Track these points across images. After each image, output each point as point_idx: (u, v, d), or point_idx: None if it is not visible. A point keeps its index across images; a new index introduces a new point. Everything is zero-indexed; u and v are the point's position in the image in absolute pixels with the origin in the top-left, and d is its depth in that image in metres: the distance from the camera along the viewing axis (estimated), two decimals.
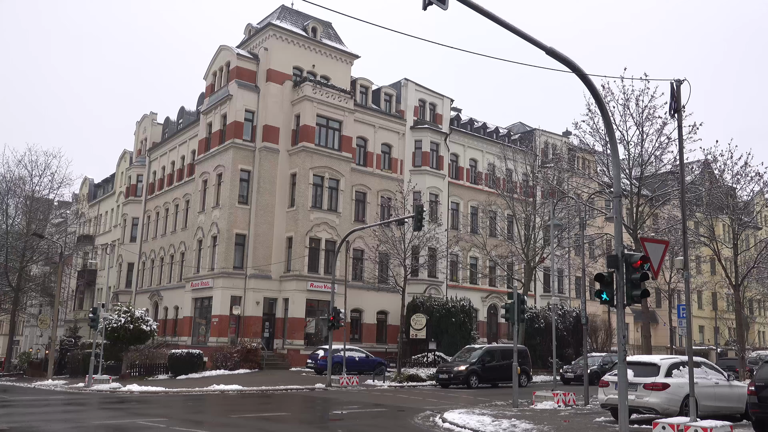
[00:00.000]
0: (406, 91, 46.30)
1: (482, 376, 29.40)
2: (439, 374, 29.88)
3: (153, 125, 55.45)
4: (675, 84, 14.90)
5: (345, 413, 18.54)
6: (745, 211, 31.64)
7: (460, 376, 28.84)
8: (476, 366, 29.28)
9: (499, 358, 30.38)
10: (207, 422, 16.26)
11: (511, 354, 30.34)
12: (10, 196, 46.13)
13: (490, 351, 30.81)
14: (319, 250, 38.72)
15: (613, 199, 11.90)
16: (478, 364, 29.37)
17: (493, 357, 30.35)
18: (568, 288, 51.40)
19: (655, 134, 27.57)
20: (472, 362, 29.29)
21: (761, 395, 13.70)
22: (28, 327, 68.37)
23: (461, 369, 29.01)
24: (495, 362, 30.06)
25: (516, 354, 21.72)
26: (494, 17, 11.00)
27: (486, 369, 29.57)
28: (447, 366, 30.29)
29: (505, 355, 30.05)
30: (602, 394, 16.21)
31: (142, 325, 33.48)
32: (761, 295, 52.11)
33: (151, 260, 50.36)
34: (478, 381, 29.03)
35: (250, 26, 44.32)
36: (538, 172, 39.83)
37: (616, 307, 11.50)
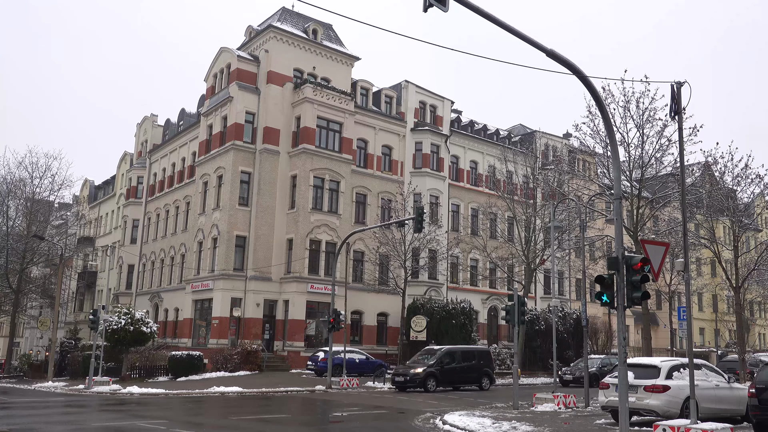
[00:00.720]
0: (406, 93, 46.32)
1: (441, 379, 27.85)
2: (394, 377, 28.39)
3: (153, 127, 55.50)
4: (675, 86, 14.91)
5: (345, 415, 18.52)
6: (745, 213, 31.65)
7: (416, 379, 27.35)
8: (434, 368, 27.73)
9: (459, 359, 29.00)
10: (207, 424, 16.26)
11: (473, 355, 29.75)
12: (10, 198, 46.15)
13: (450, 352, 29.12)
14: (319, 252, 38.72)
15: (614, 201, 11.89)
16: (437, 366, 27.82)
17: (454, 359, 28.86)
18: (568, 290, 51.36)
19: (655, 136, 27.62)
20: (430, 364, 27.76)
21: (762, 397, 13.69)
22: (29, 329, 68.38)
23: (418, 372, 27.50)
24: (455, 364, 28.64)
25: (517, 357, 21.65)
26: (495, 19, 11.01)
27: (445, 371, 28.06)
28: (403, 368, 28.99)
29: (467, 357, 29.35)
30: (602, 396, 16.20)
31: (142, 326, 33.43)
32: (762, 297, 51.99)
33: (151, 262, 50.37)
34: (436, 384, 27.53)
35: (251, 28, 44.35)
36: (538, 174, 39.83)
37: (617, 309, 11.50)
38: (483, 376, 29.24)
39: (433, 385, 27.35)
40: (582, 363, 33.35)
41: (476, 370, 29.21)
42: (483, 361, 29.73)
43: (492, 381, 30.02)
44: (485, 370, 29.42)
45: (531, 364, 40.30)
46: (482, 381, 29.13)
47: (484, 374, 29.28)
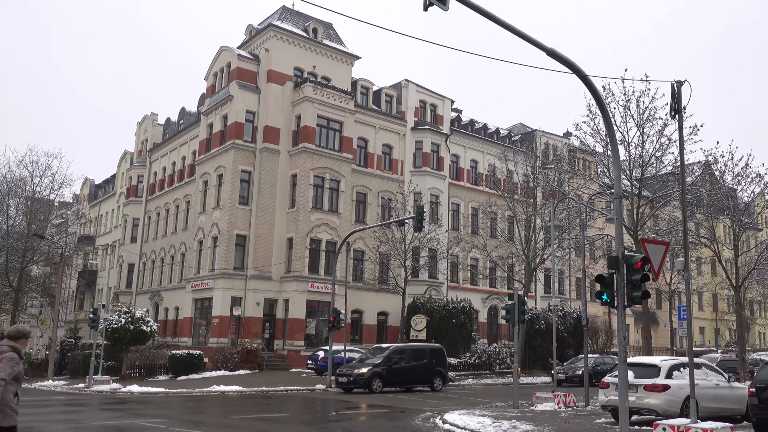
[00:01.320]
0: (406, 92, 46.32)
1: (388, 379, 26.26)
2: (338, 377, 26.57)
3: (154, 126, 55.51)
4: (676, 85, 14.91)
5: (345, 414, 18.53)
6: (745, 213, 31.64)
7: (360, 380, 25.68)
8: (381, 368, 26.08)
9: (409, 358, 27.47)
10: (207, 423, 16.27)
11: (425, 354, 28.22)
12: (10, 197, 46.13)
13: (398, 351, 27.62)
14: (319, 251, 38.72)
15: (614, 200, 11.89)
16: (384, 365, 26.16)
17: (403, 357, 27.32)
18: (568, 289, 51.38)
19: (655, 135, 27.58)
20: (377, 364, 26.15)
21: (762, 397, 13.70)
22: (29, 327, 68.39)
23: (362, 372, 25.84)
24: (404, 363, 27.13)
25: (517, 356, 21.65)
26: (495, 18, 11.00)
27: (393, 371, 26.43)
28: (348, 368, 26.98)
29: (417, 355, 27.91)
30: (602, 395, 16.21)
31: (142, 325, 33.45)
32: (762, 297, 52.03)
33: (151, 261, 50.39)
34: (382, 385, 25.95)
35: (251, 27, 44.34)
36: (538, 173, 39.83)
37: (617, 309, 11.49)
38: (435, 376, 27.71)
39: (378, 385, 25.82)
40: (576, 362, 33.51)
41: (428, 369, 27.71)
42: (435, 360, 28.15)
43: (445, 381, 28.48)
44: (438, 370, 27.92)
45: (531, 363, 40.27)
46: (434, 381, 27.62)
47: (437, 374, 27.79)
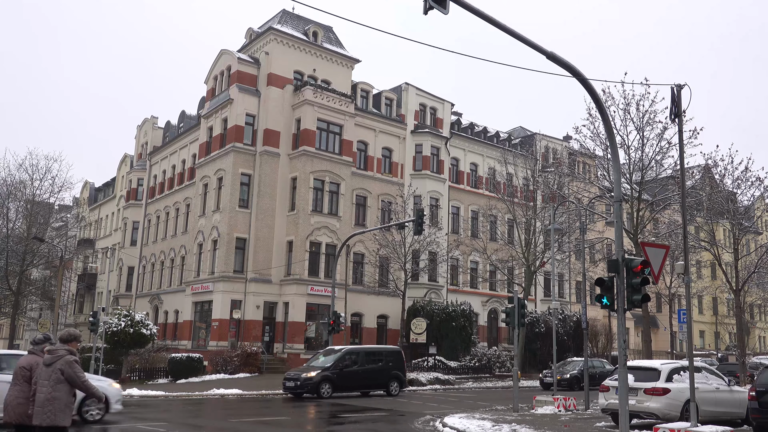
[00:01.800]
0: (406, 95, 46.36)
1: (338, 383, 24.89)
2: (285, 381, 25.14)
3: (154, 129, 55.52)
4: (675, 89, 14.94)
5: (345, 417, 18.52)
6: (745, 216, 31.66)
7: (308, 384, 24.21)
8: (330, 372, 24.75)
9: (362, 361, 26.11)
10: (207, 426, 16.25)
11: (380, 356, 26.90)
12: (10, 200, 46.09)
13: (350, 353, 26.31)
14: (319, 254, 38.70)
15: (614, 203, 11.91)
16: (334, 369, 24.80)
17: (356, 360, 26.01)
18: (568, 292, 51.36)
19: (655, 139, 27.62)
20: (326, 367, 24.74)
21: (762, 400, 13.70)
22: (29, 331, 68.30)
23: (310, 375, 24.40)
24: (357, 367, 25.82)
25: (517, 359, 21.63)
26: (495, 22, 11.02)
27: (344, 375, 25.00)
28: (296, 371, 25.74)
29: (372, 358, 26.62)
30: (602, 398, 16.20)
31: (142, 329, 33.38)
32: (762, 300, 52.04)
33: (151, 264, 50.37)
34: (332, 389, 24.62)
35: (251, 30, 44.40)
36: (538, 176, 39.87)
37: (617, 312, 11.50)
38: (391, 379, 26.42)
39: (328, 390, 24.43)
40: (565, 366, 33.41)
41: (383, 373, 26.52)
42: (392, 363, 26.85)
43: (402, 385, 27.11)
44: (394, 373, 26.62)
45: (531, 366, 40.27)
46: (390, 385, 26.34)
47: (393, 378, 26.48)
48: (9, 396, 7.69)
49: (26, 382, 7.60)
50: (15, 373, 7.84)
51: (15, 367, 7.96)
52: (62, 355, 7.53)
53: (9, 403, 7.65)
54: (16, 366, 7.91)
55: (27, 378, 7.61)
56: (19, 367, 7.76)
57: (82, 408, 15.07)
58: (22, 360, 7.90)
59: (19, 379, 7.67)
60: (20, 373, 7.69)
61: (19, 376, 7.70)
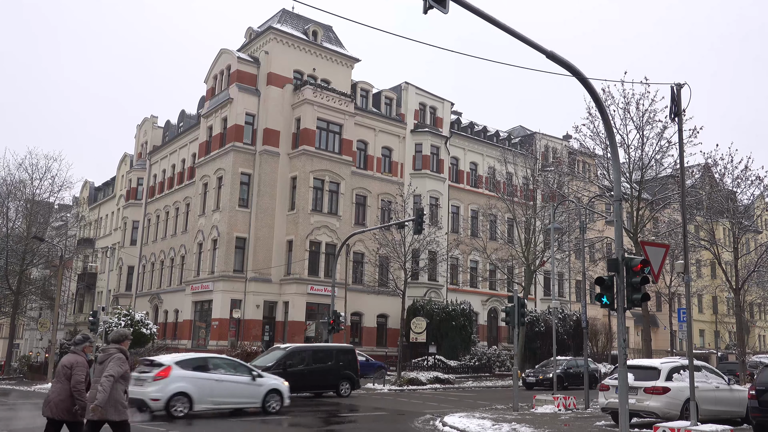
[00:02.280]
0: (406, 94, 46.35)
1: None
2: None
3: (154, 128, 55.51)
4: (675, 88, 14.93)
5: (345, 416, 18.51)
6: (745, 215, 31.63)
7: None
8: (272, 372, 22.69)
9: (309, 361, 24.61)
10: (207, 425, 16.24)
11: (329, 356, 24.94)
12: (10, 200, 46.10)
13: (297, 352, 24.91)
14: (319, 254, 38.70)
15: (614, 202, 11.90)
16: (276, 369, 23.04)
17: (302, 360, 24.50)
18: (568, 291, 51.37)
19: (655, 138, 27.58)
20: (268, 367, 23.05)
21: (762, 399, 13.70)
22: (28, 330, 68.35)
23: None
24: (303, 367, 24.22)
25: (517, 358, 21.60)
26: (495, 21, 11.01)
27: (288, 375, 22.36)
28: None
29: (320, 358, 25.02)
30: (602, 397, 16.19)
31: (142, 328, 33.43)
32: (762, 299, 52.02)
33: (151, 263, 50.36)
34: None
35: (251, 30, 44.38)
36: (538, 175, 39.86)
37: (617, 311, 11.50)
38: (342, 380, 24.96)
39: None
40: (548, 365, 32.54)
41: (333, 373, 24.97)
42: (343, 363, 25.38)
43: (354, 386, 25.53)
44: (345, 373, 25.15)
45: (531, 365, 40.25)
46: (340, 386, 24.91)
47: (344, 378, 25.03)
48: (50, 392, 8.24)
49: (67, 380, 8.11)
50: (57, 371, 8.35)
51: (58, 366, 8.41)
52: (113, 354, 8.07)
53: (51, 400, 8.14)
54: (60, 365, 8.36)
55: (68, 376, 8.11)
56: (62, 366, 8.25)
57: (265, 400, 18.21)
58: (64, 359, 8.36)
59: (61, 377, 8.18)
60: (62, 371, 8.20)
61: (61, 375, 8.20)
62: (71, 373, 8.12)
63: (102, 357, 8.16)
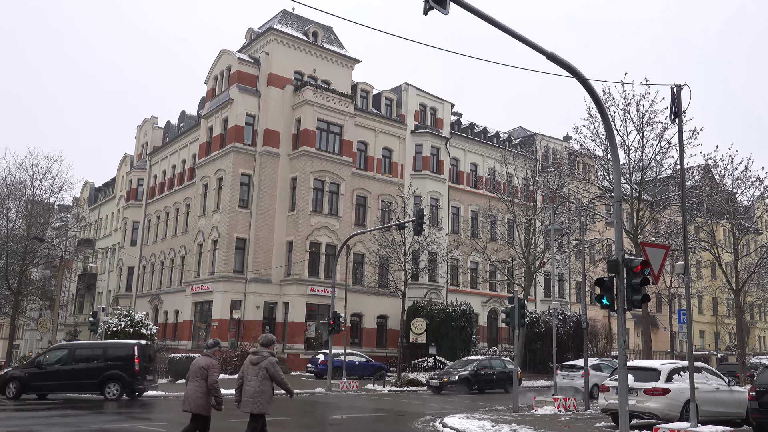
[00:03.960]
0: (406, 95, 46.37)
1: (30, 384, 21.23)
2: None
3: (154, 129, 55.53)
4: (675, 89, 14.93)
5: (345, 418, 18.52)
6: (745, 216, 31.64)
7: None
8: (24, 371, 21.54)
9: (68, 359, 21.90)
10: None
11: (95, 354, 22.04)
12: (10, 200, 46.02)
13: (55, 349, 22.83)
14: (319, 255, 38.71)
15: (614, 203, 11.90)
16: (30, 367, 21.03)
17: (61, 359, 21.99)
18: (568, 292, 51.35)
19: (655, 139, 27.61)
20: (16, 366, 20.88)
21: (762, 400, 13.69)
22: (28, 331, 68.31)
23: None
24: (60, 366, 21.72)
25: (517, 359, 21.54)
26: (495, 22, 11.01)
27: (42, 375, 21.14)
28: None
29: (83, 356, 22.03)
30: (602, 399, 16.19)
31: (142, 329, 33.37)
32: (762, 300, 51.99)
33: (151, 264, 50.36)
34: (18, 390, 21.06)
35: (252, 30, 44.41)
36: (538, 176, 39.86)
37: (617, 312, 11.49)
38: (110, 381, 21.32)
39: (12, 390, 20.99)
40: (459, 366, 30.33)
41: (98, 372, 21.47)
42: (113, 362, 21.59)
43: (127, 389, 21.59)
44: (116, 374, 21.39)
45: (531, 366, 40.24)
46: (106, 388, 21.24)
47: (113, 379, 21.36)
48: (188, 390, 9.40)
49: (204, 379, 9.33)
50: (193, 371, 9.45)
51: (192, 367, 9.53)
52: (266, 357, 9.33)
53: (189, 396, 9.36)
54: (194, 366, 9.50)
55: (204, 376, 9.33)
56: (198, 367, 9.43)
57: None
58: (201, 361, 9.54)
59: (198, 377, 9.38)
60: (199, 372, 9.39)
61: (197, 375, 9.38)
62: (207, 374, 9.29)
63: (255, 359, 9.34)
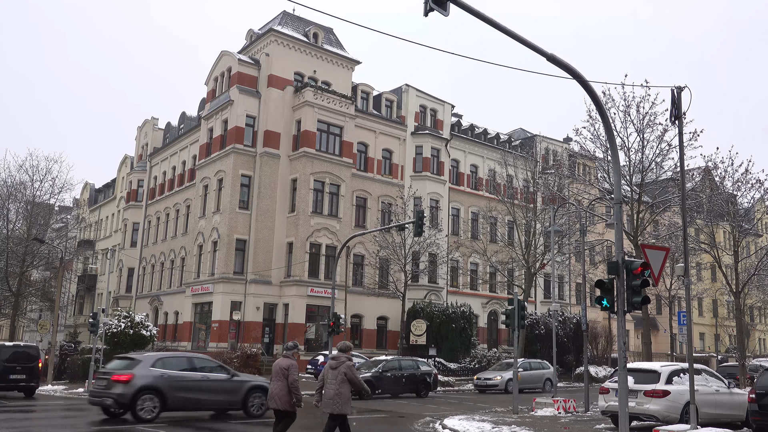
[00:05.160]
0: (407, 96, 46.38)
1: None
2: None
3: (154, 130, 55.54)
4: (676, 91, 14.94)
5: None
6: (745, 218, 31.63)
7: None
8: None
9: None
10: (207, 428, 16.23)
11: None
12: (10, 201, 46.05)
13: None
14: (319, 256, 38.71)
15: (614, 205, 11.89)
16: None
17: None
18: (568, 294, 51.34)
19: (655, 141, 27.58)
20: None
21: (762, 403, 13.70)
22: (28, 332, 68.27)
23: None
24: None
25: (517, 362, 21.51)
26: (495, 24, 11.01)
27: None
28: None
29: None
30: (602, 400, 16.18)
31: (142, 330, 33.39)
32: (762, 303, 51.99)
33: (151, 265, 50.36)
34: None
35: (252, 32, 44.44)
36: (538, 178, 39.86)
37: (617, 314, 11.48)
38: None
39: None
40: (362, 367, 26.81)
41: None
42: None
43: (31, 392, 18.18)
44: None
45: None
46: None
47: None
48: (273, 389, 10.55)
49: (285, 378, 10.39)
50: (276, 372, 10.55)
51: (275, 367, 10.64)
52: (344, 361, 10.03)
53: (275, 395, 10.49)
54: (276, 367, 10.59)
55: (285, 376, 10.39)
56: (280, 368, 10.49)
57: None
58: (282, 362, 10.55)
59: (280, 377, 10.46)
60: (281, 372, 10.46)
61: (280, 375, 10.47)
62: (288, 374, 10.33)
63: (334, 364, 10.08)
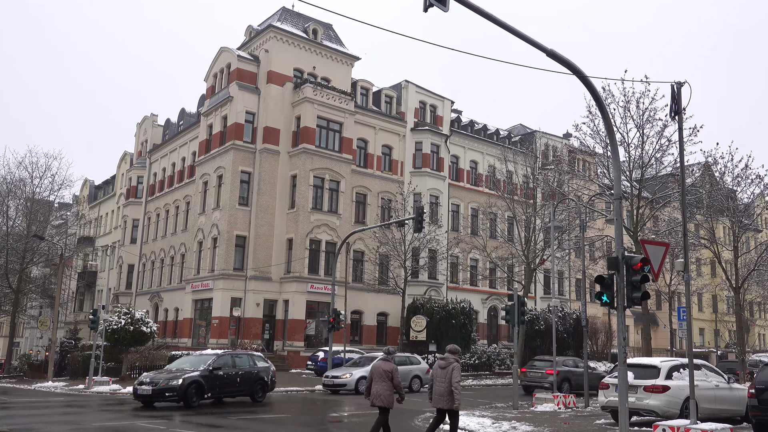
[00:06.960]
0: (406, 92, 46.33)
1: None
2: None
3: (153, 127, 55.50)
4: (675, 86, 14.90)
5: (345, 415, 18.54)
6: (745, 214, 31.66)
7: None
8: None
9: None
10: (206, 424, 16.25)
11: None
12: (10, 198, 46.03)
13: None
14: (319, 252, 38.71)
15: (614, 201, 11.89)
16: None
17: None
18: (568, 290, 51.35)
19: (655, 136, 27.61)
20: None
21: (761, 398, 13.71)
22: (28, 329, 68.32)
23: None
24: None
25: (517, 357, 21.53)
26: (495, 19, 10.99)
27: None
28: None
29: None
30: (602, 396, 16.21)
31: (142, 326, 33.39)
32: (761, 298, 52.00)
33: (151, 262, 50.37)
34: None
35: (251, 28, 44.35)
36: (538, 174, 39.81)
37: (617, 309, 11.49)
38: None
39: None
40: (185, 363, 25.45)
41: None
42: None
43: None
44: None
45: None
46: None
47: None
48: (377, 389, 11.41)
49: (389, 380, 11.42)
50: (378, 374, 11.50)
51: (377, 369, 11.56)
52: (452, 362, 11.17)
53: (381, 394, 11.37)
54: (378, 369, 11.55)
55: (390, 378, 11.42)
56: (383, 371, 11.49)
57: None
58: (383, 365, 11.57)
59: (384, 378, 11.44)
60: (384, 374, 11.46)
61: (383, 376, 11.45)
62: (392, 376, 11.39)
63: (443, 364, 11.26)
